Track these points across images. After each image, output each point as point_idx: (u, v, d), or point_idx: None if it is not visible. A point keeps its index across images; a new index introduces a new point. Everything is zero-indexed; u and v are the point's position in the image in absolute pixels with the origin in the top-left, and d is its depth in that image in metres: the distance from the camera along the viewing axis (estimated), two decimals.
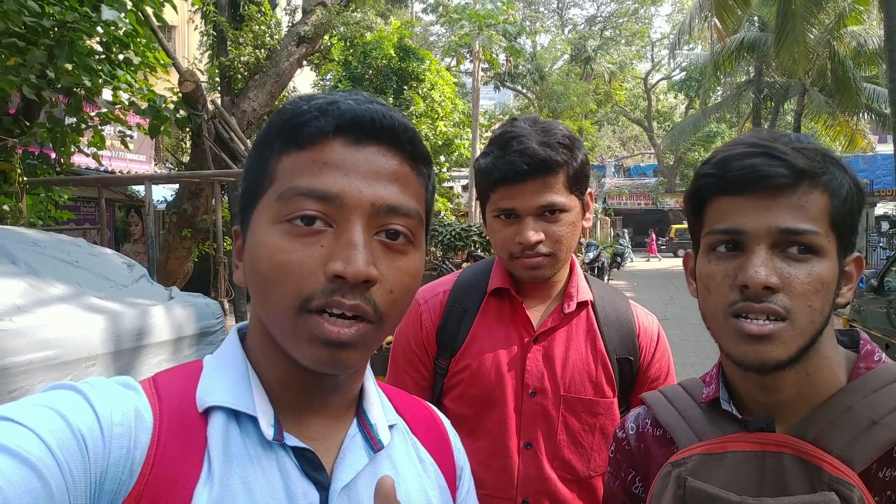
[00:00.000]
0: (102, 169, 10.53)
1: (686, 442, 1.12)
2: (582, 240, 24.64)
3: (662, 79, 42.94)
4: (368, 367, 0.96)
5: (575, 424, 1.65)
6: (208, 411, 0.82)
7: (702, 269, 1.07)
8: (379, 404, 0.95)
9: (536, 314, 1.71)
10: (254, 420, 0.82)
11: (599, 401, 1.66)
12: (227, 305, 6.85)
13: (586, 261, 19.30)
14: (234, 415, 0.83)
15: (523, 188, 1.57)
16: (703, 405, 1.17)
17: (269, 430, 0.82)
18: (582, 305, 1.71)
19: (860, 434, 0.98)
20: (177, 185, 9.52)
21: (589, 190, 1.71)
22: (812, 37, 16.86)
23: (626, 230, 37.79)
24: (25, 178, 6.53)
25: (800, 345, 0.98)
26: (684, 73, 37.12)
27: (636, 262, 34.27)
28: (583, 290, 1.72)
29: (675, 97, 44.66)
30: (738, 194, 1.01)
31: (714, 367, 1.18)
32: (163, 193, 11.85)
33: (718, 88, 29.59)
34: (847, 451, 0.97)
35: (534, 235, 1.58)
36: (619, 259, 28.44)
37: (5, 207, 6.43)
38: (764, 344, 0.98)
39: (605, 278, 21.11)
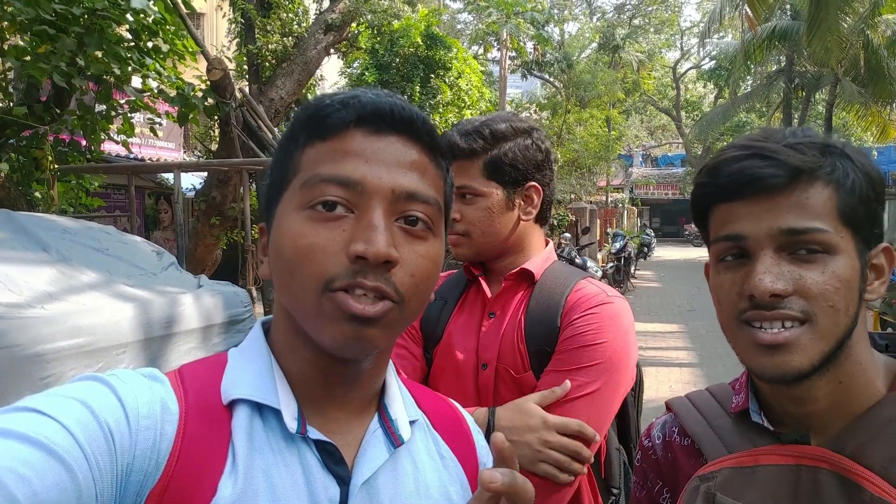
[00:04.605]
0: (132, 156, 10.62)
1: (715, 454, 1.07)
2: (609, 230, 24.47)
3: (691, 68, 42.44)
4: (391, 362, 0.97)
5: (508, 397, 1.65)
6: (233, 404, 0.84)
7: (713, 280, 1.04)
8: (400, 400, 0.96)
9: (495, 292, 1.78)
10: (277, 413, 0.84)
11: (523, 376, 1.66)
12: (255, 293, 6.88)
13: (612, 251, 19.13)
14: (258, 408, 0.84)
15: None
16: (732, 415, 1.11)
17: (292, 423, 0.83)
18: (525, 277, 1.74)
19: None
20: (205, 173, 9.56)
21: (531, 184, 1.75)
22: (846, 25, 16.54)
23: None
24: (56, 166, 6.58)
25: (822, 350, 0.93)
26: (714, 62, 36.67)
27: (663, 253, 34.02)
28: (535, 265, 1.75)
29: (704, 86, 44.10)
30: (734, 200, 0.97)
31: (743, 373, 1.12)
32: (191, 181, 11.94)
33: (748, 78, 29.21)
34: (890, 468, 0.90)
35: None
36: (645, 249, 28.26)
37: (37, 195, 6.50)
38: (781, 354, 0.93)
39: (632, 268, 20.97)
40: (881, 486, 0.89)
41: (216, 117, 7.86)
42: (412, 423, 0.95)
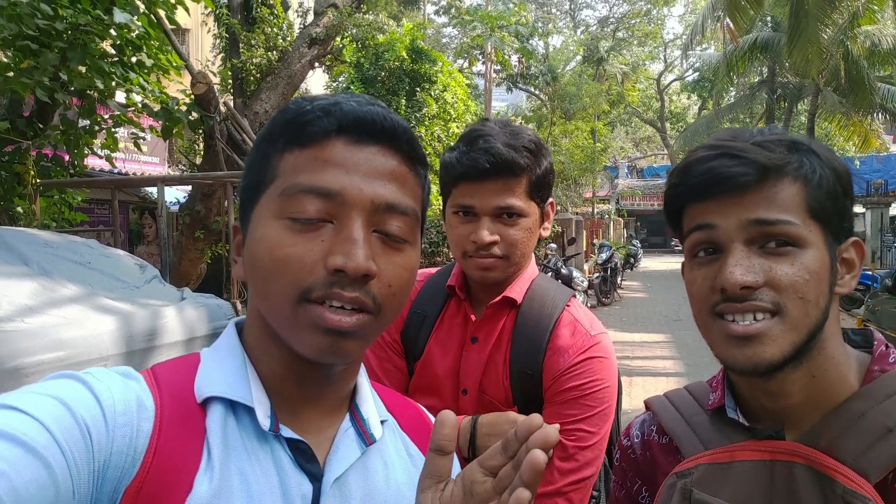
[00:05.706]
0: (116, 171, 10.57)
1: (691, 451, 1.08)
2: (595, 240, 24.52)
3: (675, 79, 42.74)
4: (363, 364, 0.98)
5: None
6: (207, 402, 0.84)
7: (686, 276, 1.06)
8: (371, 400, 0.97)
9: (480, 314, 1.72)
10: (250, 411, 0.84)
11: (507, 409, 1.64)
12: (239, 306, 6.86)
13: (599, 261, 19.18)
14: (232, 406, 0.85)
15: (483, 187, 1.59)
16: (709, 412, 1.12)
17: (265, 421, 0.84)
18: (508, 303, 1.69)
19: (875, 442, 0.93)
20: (189, 187, 9.55)
21: (550, 200, 1.72)
22: (825, 37, 16.66)
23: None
24: (39, 180, 6.57)
25: (794, 341, 0.94)
26: (697, 73, 36.96)
27: (650, 263, 34.15)
28: (516, 290, 1.70)
29: (688, 98, 44.48)
30: (705, 199, 1.00)
31: (720, 371, 1.13)
32: (176, 195, 11.89)
33: (731, 89, 29.39)
34: (861, 461, 0.92)
35: (488, 236, 1.59)
36: (632, 260, 28.32)
37: (19, 209, 6.47)
38: (753, 345, 0.94)
39: (619, 279, 21.01)
40: (853, 479, 0.90)
41: (200, 131, 7.87)
42: (382, 423, 0.97)
